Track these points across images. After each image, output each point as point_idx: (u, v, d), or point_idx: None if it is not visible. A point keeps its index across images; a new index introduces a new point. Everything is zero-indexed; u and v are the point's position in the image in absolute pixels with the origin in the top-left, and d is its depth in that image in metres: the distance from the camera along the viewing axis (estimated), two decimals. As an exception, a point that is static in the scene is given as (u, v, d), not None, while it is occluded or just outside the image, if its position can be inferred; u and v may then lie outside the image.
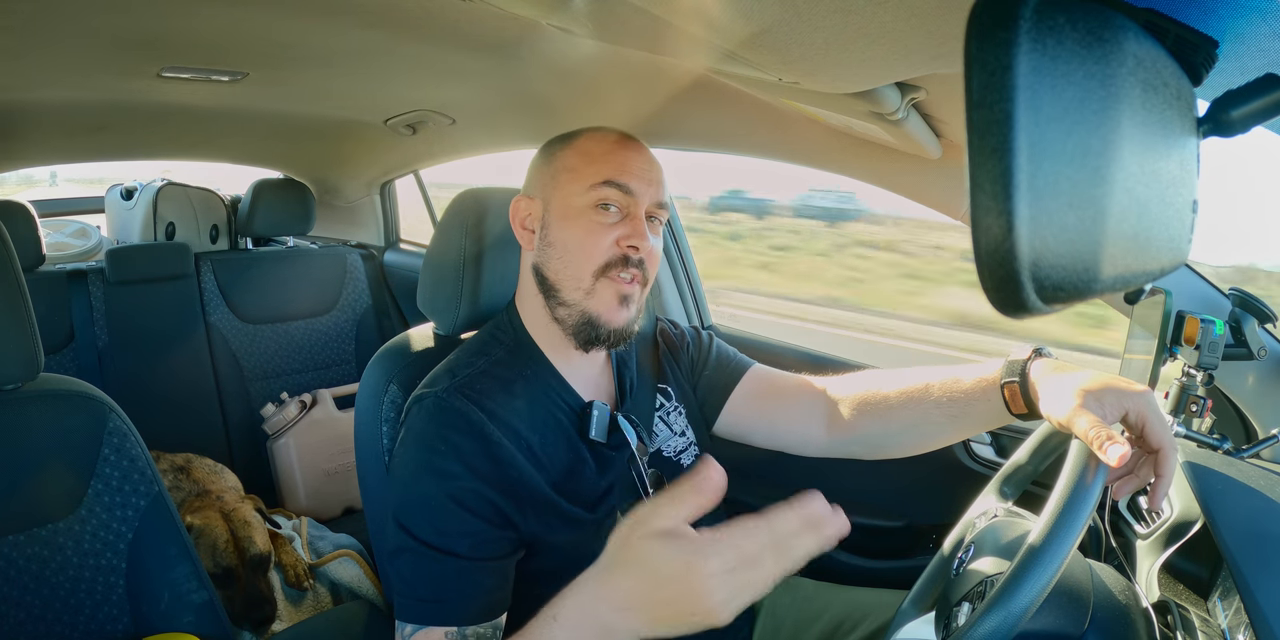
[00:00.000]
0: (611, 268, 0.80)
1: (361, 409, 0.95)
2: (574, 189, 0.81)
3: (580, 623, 0.53)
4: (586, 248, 0.80)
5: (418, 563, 0.72)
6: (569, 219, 0.81)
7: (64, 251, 2.62)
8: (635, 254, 0.80)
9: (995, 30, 0.28)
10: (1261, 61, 0.46)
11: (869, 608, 0.99)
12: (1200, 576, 0.74)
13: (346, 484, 2.00)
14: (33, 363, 0.89)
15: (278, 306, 2.15)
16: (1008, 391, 0.76)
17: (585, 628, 0.53)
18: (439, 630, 0.70)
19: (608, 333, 0.81)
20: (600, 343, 0.82)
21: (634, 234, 0.80)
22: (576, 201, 0.81)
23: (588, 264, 0.80)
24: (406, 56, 1.23)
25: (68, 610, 0.90)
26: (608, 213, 0.80)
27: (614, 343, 0.83)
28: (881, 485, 1.38)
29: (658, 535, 0.49)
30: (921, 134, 0.92)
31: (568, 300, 0.82)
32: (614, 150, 0.82)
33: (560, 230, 0.82)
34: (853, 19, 0.54)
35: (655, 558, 0.49)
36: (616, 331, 0.82)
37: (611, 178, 0.80)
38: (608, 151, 0.82)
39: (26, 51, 1.10)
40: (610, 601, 0.51)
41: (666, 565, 0.48)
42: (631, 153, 0.82)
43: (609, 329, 0.81)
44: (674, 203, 1.74)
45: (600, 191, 0.80)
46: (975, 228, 0.30)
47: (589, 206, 0.80)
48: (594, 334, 0.81)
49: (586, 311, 0.81)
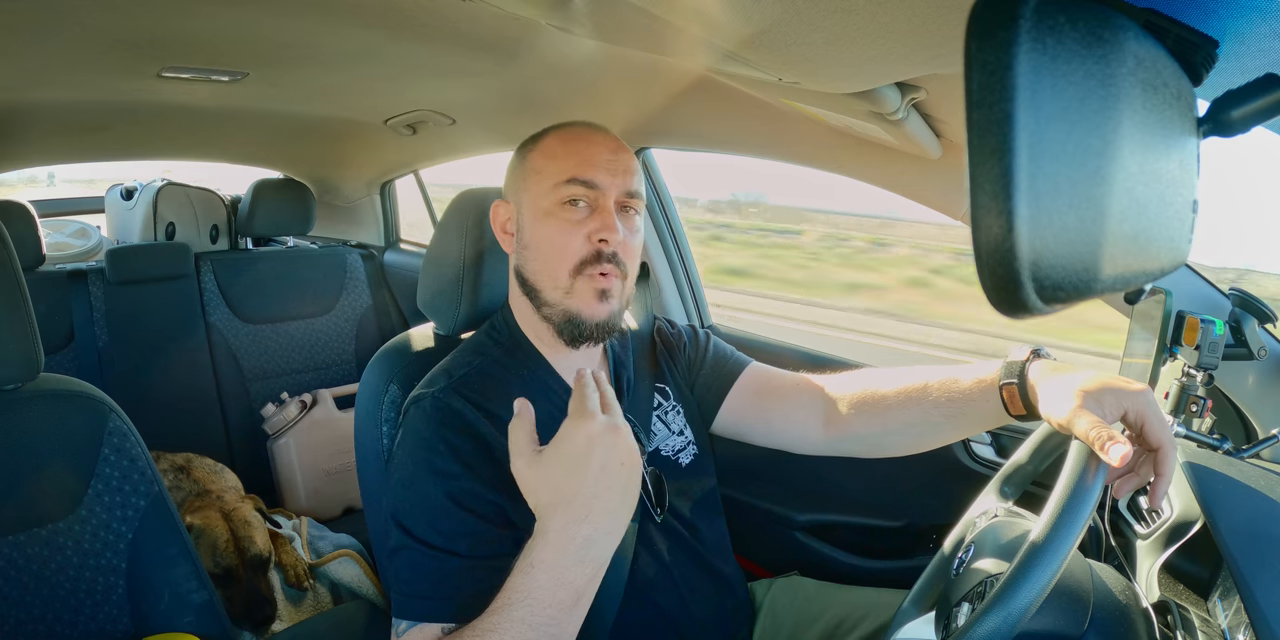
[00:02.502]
0: (587, 265, 0.80)
1: (361, 409, 0.95)
2: (541, 189, 0.81)
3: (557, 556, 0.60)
4: (559, 247, 0.80)
5: (416, 561, 0.72)
6: (539, 220, 0.81)
7: (64, 251, 2.62)
8: (606, 247, 0.80)
9: (995, 30, 0.28)
10: (1261, 61, 0.46)
11: (869, 608, 0.99)
12: (1200, 576, 0.74)
13: (346, 484, 2.00)
14: (33, 363, 0.89)
15: (278, 306, 2.15)
16: (1006, 393, 0.76)
17: (563, 557, 0.60)
18: (434, 626, 0.69)
19: (591, 328, 0.82)
20: (587, 338, 0.83)
21: (603, 227, 0.79)
22: (544, 202, 0.81)
23: (563, 263, 0.80)
24: (406, 56, 1.23)
25: (68, 610, 0.90)
26: (576, 209, 0.80)
27: (600, 337, 0.83)
28: (881, 485, 1.38)
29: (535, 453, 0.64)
30: (921, 134, 0.92)
31: (549, 300, 0.83)
32: (576, 147, 0.82)
33: (533, 232, 0.82)
34: (853, 19, 0.54)
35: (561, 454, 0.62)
36: (600, 325, 0.82)
37: (575, 174, 0.79)
38: (570, 149, 0.82)
39: (27, 51, 1.10)
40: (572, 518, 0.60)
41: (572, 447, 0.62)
42: (595, 146, 0.82)
43: (592, 324, 0.82)
44: (675, 202, 1.75)
45: (565, 189, 0.80)
46: (975, 228, 0.30)
47: (557, 205, 0.80)
48: (578, 331, 0.82)
49: (568, 310, 0.82)
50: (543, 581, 0.59)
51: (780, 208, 8.43)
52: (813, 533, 1.39)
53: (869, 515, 1.37)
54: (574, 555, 0.60)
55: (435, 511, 0.73)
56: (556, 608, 0.59)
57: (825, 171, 1.26)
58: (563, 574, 0.59)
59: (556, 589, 0.59)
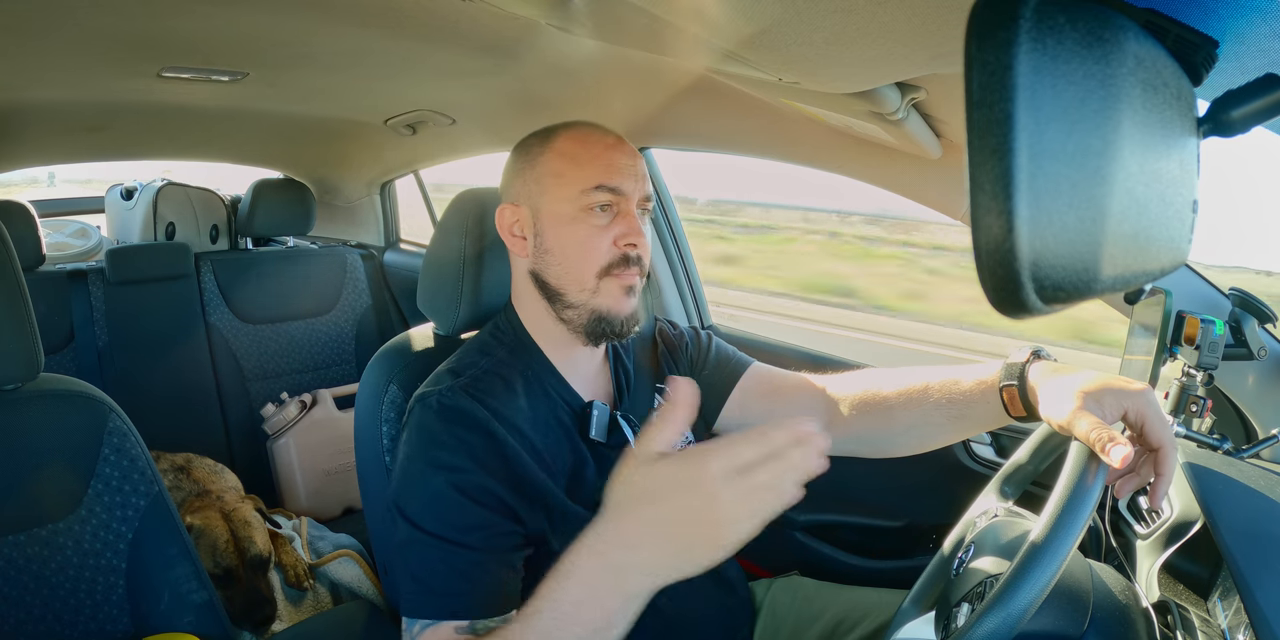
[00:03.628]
0: (614, 268, 0.81)
1: (361, 409, 0.95)
2: (564, 194, 0.81)
3: (594, 571, 0.53)
4: (587, 251, 0.80)
5: (427, 555, 0.71)
6: (563, 225, 0.81)
7: (64, 251, 2.62)
8: (634, 251, 0.81)
9: (995, 30, 0.28)
10: (1261, 61, 0.46)
11: (869, 608, 0.99)
12: (1200, 576, 0.74)
13: (346, 484, 2.00)
14: (33, 363, 0.89)
15: (278, 306, 2.15)
16: (1006, 394, 0.76)
17: (599, 576, 0.53)
18: (449, 625, 0.68)
19: (620, 323, 0.82)
20: (612, 335, 0.83)
21: (630, 232, 0.80)
22: (568, 207, 0.80)
23: (590, 267, 0.81)
24: (406, 56, 1.23)
25: (68, 610, 0.90)
26: (600, 214, 0.80)
27: (625, 333, 0.84)
28: (881, 485, 1.38)
29: (654, 460, 0.51)
30: (921, 134, 0.92)
31: (574, 302, 0.82)
32: (599, 152, 0.81)
33: (556, 236, 0.82)
34: (853, 19, 0.54)
35: (657, 479, 0.50)
36: (626, 320, 0.83)
37: (603, 182, 0.79)
38: (593, 154, 0.81)
39: (26, 51, 1.10)
40: (620, 540, 0.52)
41: (669, 480, 0.50)
42: (616, 152, 0.82)
43: (620, 319, 0.82)
44: (675, 202, 1.75)
45: (592, 196, 0.79)
46: (975, 228, 0.30)
47: (582, 210, 0.80)
48: (606, 328, 0.82)
49: (596, 309, 0.82)
50: (574, 595, 0.53)
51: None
52: (813, 533, 1.39)
53: (869, 515, 1.37)
54: (608, 579, 0.53)
55: (447, 505, 0.72)
56: (583, 626, 0.54)
57: (825, 171, 1.26)
58: (595, 592, 0.53)
59: (587, 605, 0.53)
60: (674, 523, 0.50)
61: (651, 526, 0.50)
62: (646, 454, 0.51)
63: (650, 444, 0.52)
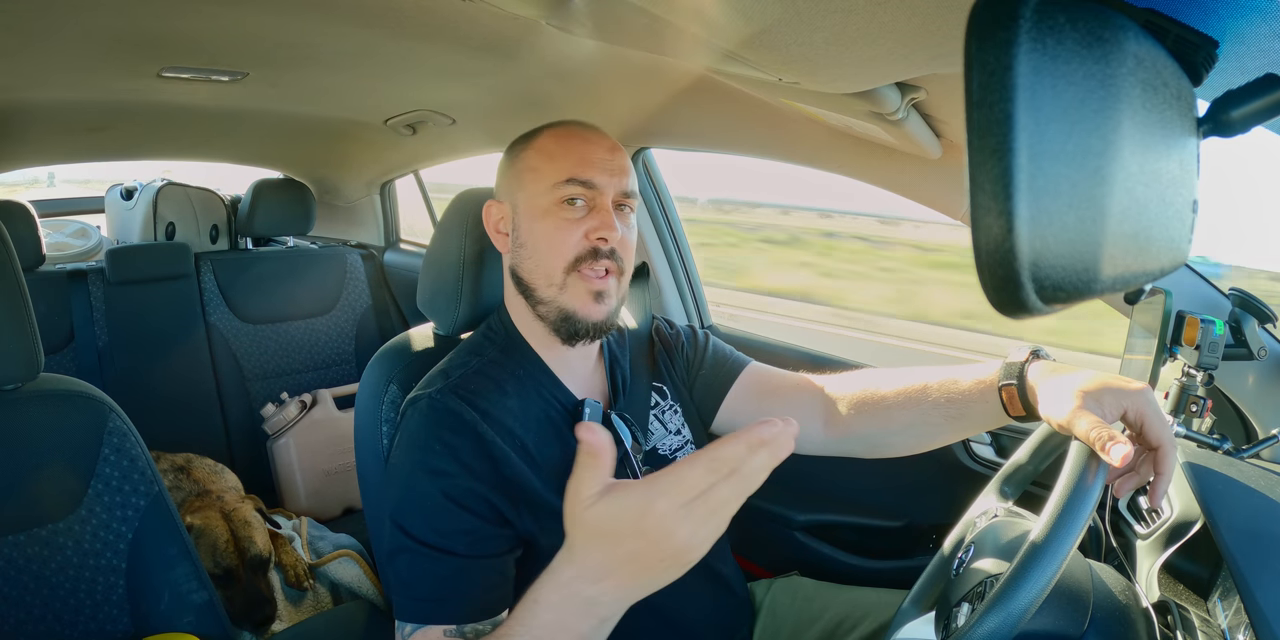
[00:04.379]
0: (582, 262, 0.80)
1: (361, 409, 0.95)
2: (538, 189, 0.81)
3: (562, 602, 0.53)
4: (555, 244, 0.80)
5: (415, 562, 0.72)
6: (536, 219, 0.81)
7: (64, 251, 2.62)
8: (605, 245, 0.80)
9: (995, 30, 0.28)
10: (1261, 61, 0.46)
11: (869, 608, 0.99)
12: (1200, 576, 0.74)
13: (346, 484, 2.00)
14: (33, 363, 0.89)
15: (278, 306, 2.15)
16: (1005, 394, 0.76)
17: (568, 606, 0.53)
18: (437, 629, 0.69)
19: (587, 327, 0.82)
20: (583, 336, 0.83)
21: (602, 225, 0.80)
22: (541, 201, 0.81)
23: (558, 260, 0.80)
24: (406, 56, 1.23)
25: (68, 610, 0.90)
26: (574, 208, 0.80)
27: (596, 335, 0.83)
28: (881, 485, 1.38)
29: (598, 498, 0.50)
30: (921, 134, 0.92)
31: (544, 298, 0.83)
32: (573, 146, 0.82)
33: (529, 230, 0.82)
34: (853, 19, 0.54)
35: (606, 518, 0.50)
36: (596, 325, 0.82)
37: (574, 174, 0.80)
38: (567, 148, 0.82)
39: (26, 51, 1.10)
40: (585, 577, 0.52)
41: (619, 519, 0.49)
42: (591, 146, 0.82)
43: (588, 323, 0.82)
44: (675, 202, 1.75)
45: (564, 189, 0.80)
46: (975, 228, 0.30)
47: (554, 204, 0.80)
48: (574, 328, 0.82)
49: (563, 307, 0.82)
50: (545, 621, 0.54)
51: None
52: (812, 533, 1.39)
53: (869, 515, 1.37)
54: (577, 608, 0.54)
55: (432, 510, 0.73)
56: None
57: (825, 171, 1.26)
58: (565, 618, 0.54)
59: (559, 632, 0.54)
60: (633, 559, 0.50)
61: (612, 563, 0.51)
62: (586, 497, 0.50)
63: (584, 485, 0.51)
